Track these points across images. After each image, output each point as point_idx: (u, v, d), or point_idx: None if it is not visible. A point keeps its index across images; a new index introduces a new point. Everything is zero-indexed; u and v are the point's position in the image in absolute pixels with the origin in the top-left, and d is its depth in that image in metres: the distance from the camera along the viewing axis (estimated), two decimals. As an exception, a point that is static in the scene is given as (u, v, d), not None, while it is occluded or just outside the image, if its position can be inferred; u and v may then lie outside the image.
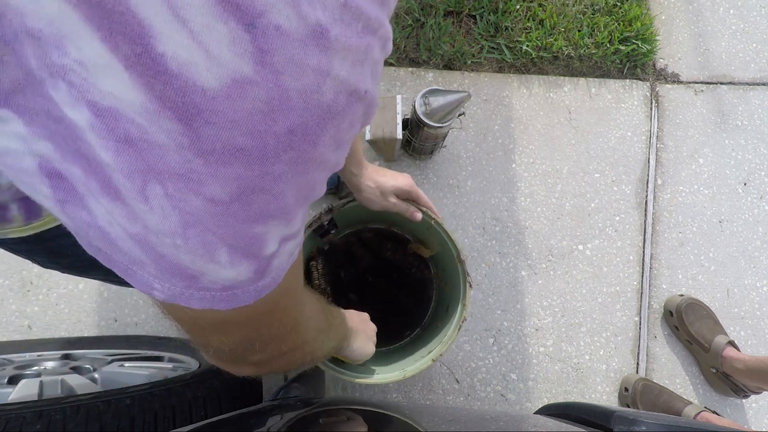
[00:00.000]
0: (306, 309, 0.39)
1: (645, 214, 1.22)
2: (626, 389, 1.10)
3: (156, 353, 0.92)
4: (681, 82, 1.31)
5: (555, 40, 1.23)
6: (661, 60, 1.32)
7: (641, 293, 1.18)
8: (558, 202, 1.21)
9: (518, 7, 1.23)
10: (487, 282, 1.15)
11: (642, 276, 1.19)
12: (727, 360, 1.07)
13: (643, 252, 1.20)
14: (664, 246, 1.21)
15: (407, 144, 1.11)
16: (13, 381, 0.77)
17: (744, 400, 1.15)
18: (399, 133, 0.98)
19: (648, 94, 1.29)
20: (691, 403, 1.05)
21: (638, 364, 1.15)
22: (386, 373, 0.76)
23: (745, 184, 1.26)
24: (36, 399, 0.72)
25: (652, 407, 1.06)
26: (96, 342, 0.95)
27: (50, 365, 0.84)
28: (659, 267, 1.20)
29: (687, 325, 1.12)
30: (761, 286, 1.21)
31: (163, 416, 0.63)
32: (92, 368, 0.85)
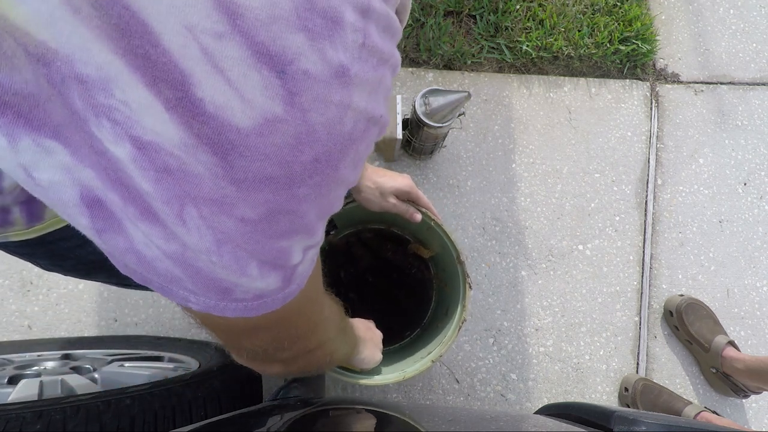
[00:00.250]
0: (325, 309, 0.42)
1: (645, 214, 1.22)
2: (626, 389, 1.10)
3: (156, 353, 0.92)
4: (681, 82, 1.31)
5: (555, 40, 1.23)
6: (661, 60, 1.32)
7: (641, 293, 1.18)
8: (558, 202, 1.21)
9: (518, 7, 1.23)
10: (487, 282, 1.15)
11: (642, 276, 1.19)
12: (727, 360, 1.07)
13: (643, 252, 1.20)
14: (664, 246, 1.21)
15: (407, 144, 1.11)
16: (13, 381, 0.77)
17: (744, 400, 1.15)
18: (399, 133, 0.98)
19: (648, 94, 1.29)
20: (691, 403, 1.05)
21: (638, 364, 1.15)
22: (386, 374, 0.76)
23: (745, 184, 1.26)
24: (36, 399, 0.72)
25: (652, 407, 1.06)
26: (96, 342, 0.95)
27: (50, 365, 0.84)
28: (659, 267, 1.20)
29: (687, 325, 1.12)
30: (761, 286, 1.21)
31: (163, 416, 0.64)
32: (92, 368, 0.85)
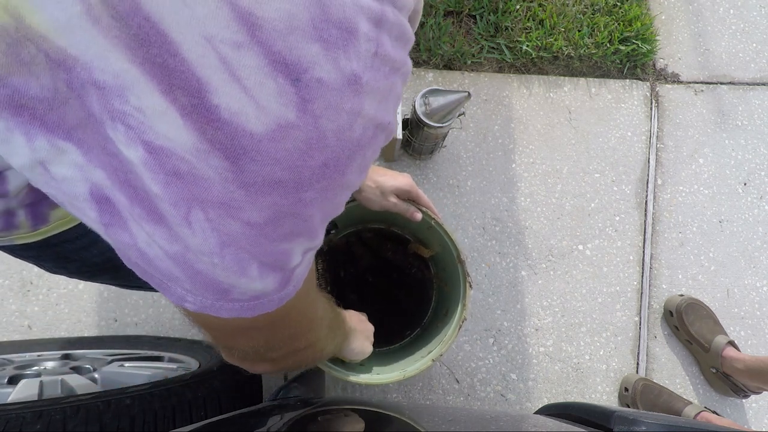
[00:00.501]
0: (319, 309, 0.42)
1: (645, 214, 1.22)
2: (626, 389, 1.10)
3: (156, 353, 0.92)
4: (681, 82, 1.31)
5: (555, 40, 1.23)
6: (661, 60, 1.32)
7: (641, 293, 1.18)
8: (558, 202, 1.21)
9: (518, 7, 1.23)
10: (487, 282, 1.15)
11: (642, 276, 1.19)
12: (727, 360, 1.07)
13: (643, 252, 1.20)
14: (664, 246, 1.21)
15: (407, 144, 1.11)
16: (13, 381, 0.77)
17: (744, 400, 1.15)
18: (399, 133, 0.98)
19: (648, 94, 1.29)
20: (691, 403, 1.05)
21: (638, 364, 1.15)
22: (386, 374, 0.76)
23: (745, 184, 1.26)
24: (36, 399, 0.72)
25: (652, 407, 1.06)
26: (96, 342, 0.95)
27: (50, 365, 0.84)
28: (659, 267, 1.20)
29: (687, 325, 1.12)
30: (761, 286, 1.21)
31: (163, 416, 0.64)
32: (92, 368, 0.85)
